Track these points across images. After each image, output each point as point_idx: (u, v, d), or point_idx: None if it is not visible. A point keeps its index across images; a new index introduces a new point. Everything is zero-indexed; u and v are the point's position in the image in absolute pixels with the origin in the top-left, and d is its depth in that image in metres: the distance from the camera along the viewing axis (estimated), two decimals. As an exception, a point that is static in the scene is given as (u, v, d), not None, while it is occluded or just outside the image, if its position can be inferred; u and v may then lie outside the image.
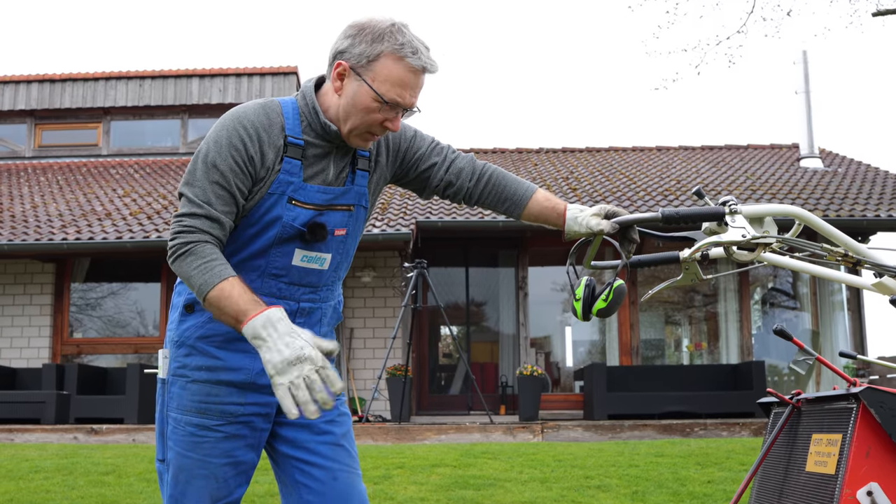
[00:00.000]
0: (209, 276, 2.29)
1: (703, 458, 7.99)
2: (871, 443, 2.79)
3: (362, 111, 2.44)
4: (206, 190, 2.37)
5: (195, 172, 2.40)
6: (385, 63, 2.42)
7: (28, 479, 7.25)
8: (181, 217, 2.37)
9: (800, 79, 17.83)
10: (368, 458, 7.96)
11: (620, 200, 14.80)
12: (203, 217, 2.36)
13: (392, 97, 2.42)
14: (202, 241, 2.34)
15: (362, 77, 2.43)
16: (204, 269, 2.30)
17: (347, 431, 2.65)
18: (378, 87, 2.42)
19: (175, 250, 2.35)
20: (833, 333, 15.09)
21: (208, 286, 2.29)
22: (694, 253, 2.72)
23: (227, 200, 2.40)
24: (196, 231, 2.34)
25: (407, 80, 2.43)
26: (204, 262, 2.31)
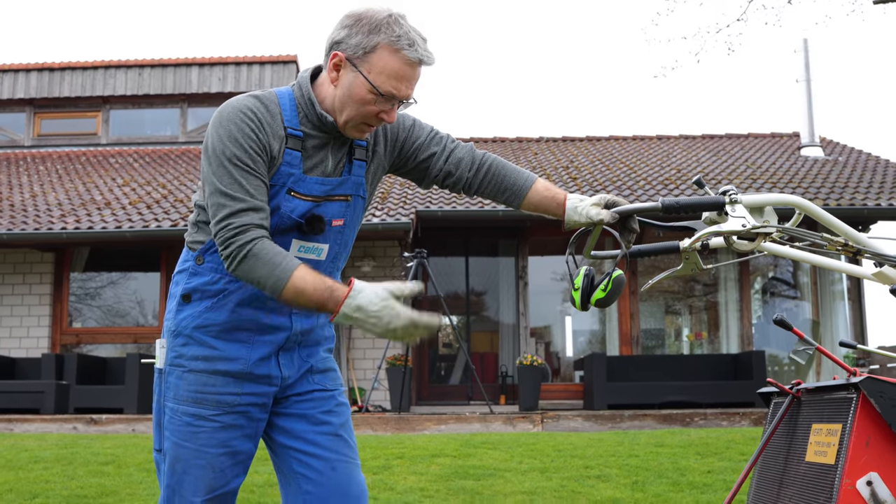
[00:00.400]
0: (280, 271, 2.31)
1: (703, 447, 7.99)
2: (871, 433, 2.79)
3: (358, 102, 2.43)
4: (241, 183, 2.35)
5: (220, 172, 2.37)
6: (381, 55, 2.40)
7: (27, 469, 7.25)
8: (226, 220, 2.34)
9: (800, 67, 17.79)
10: (368, 449, 7.96)
11: (620, 189, 14.79)
12: (249, 211, 2.34)
13: (388, 89, 2.41)
14: (256, 240, 2.33)
15: (358, 68, 2.41)
16: (274, 266, 2.31)
17: (346, 421, 2.64)
18: (374, 78, 2.40)
19: (234, 256, 2.33)
20: (833, 323, 15.08)
21: (282, 282, 2.31)
22: (694, 243, 2.71)
23: (262, 188, 2.39)
24: (247, 229, 2.33)
25: (403, 73, 2.42)
26: (271, 261, 2.31)
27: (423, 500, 6.07)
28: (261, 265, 2.30)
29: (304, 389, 2.60)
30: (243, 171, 2.36)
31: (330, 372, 2.68)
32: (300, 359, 2.61)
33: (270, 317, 2.52)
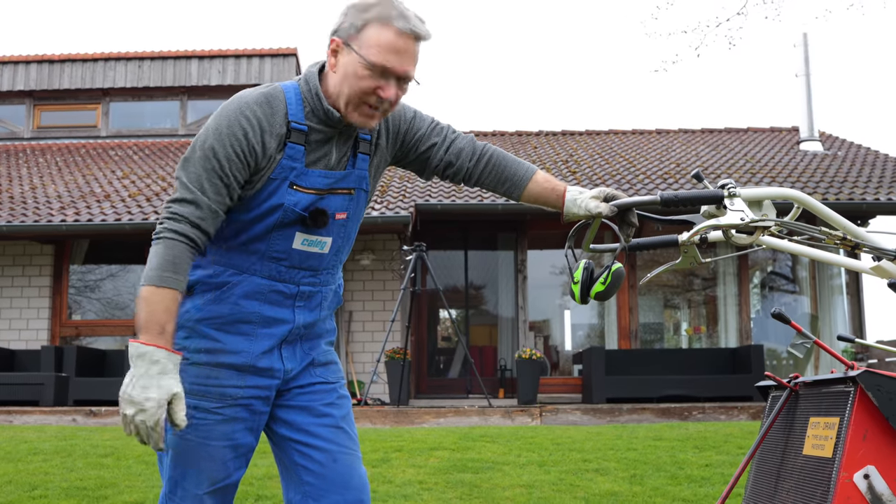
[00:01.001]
0: (154, 275, 2.31)
1: (701, 441, 8.01)
2: (869, 426, 2.79)
3: (352, 80, 2.42)
4: (200, 177, 2.36)
5: (193, 158, 2.39)
6: (372, 29, 2.41)
7: (26, 461, 7.26)
8: (171, 203, 2.37)
9: (800, 61, 17.78)
10: (367, 442, 7.97)
11: (620, 183, 14.78)
12: (192, 204, 2.35)
13: (379, 61, 2.40)
14: (178, 238, 2.34)
15: (352, 47, 2.42)
16: (158, 266, 2.32)
17: (347, 414, 2.65)
18: (366, 53, 2.40)
19: (156, 234, 2.36)
20: (832, 317, 15.09)
21: (148, 281, 2.31)
22: (693, 236, 2.72)
23: (221, 190, 2.39)
24: (181, 220, 2.34)
25: (394, 45, 2.41)
26: (163, 261, 2.32)
27: (421, 492, 6.07)
28: (159, 256, 2.32)
29: (305, 382, 2.60)
30: (209, 168, 2.37)
31: (331, 365, 2.68)
32: (302, 352, 2.61)
33: (273, 310, 2.52)
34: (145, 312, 2.29)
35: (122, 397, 2.24)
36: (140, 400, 2.22)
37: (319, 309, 2.63)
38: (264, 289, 2.50)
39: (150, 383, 2.24)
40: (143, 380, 2.24)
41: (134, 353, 2.26)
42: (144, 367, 2.25)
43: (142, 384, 2.23)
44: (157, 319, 2.29)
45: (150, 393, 2.23)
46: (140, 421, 2.22)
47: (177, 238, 2.33)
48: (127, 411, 2.23)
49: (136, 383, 2.24)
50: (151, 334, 2.28)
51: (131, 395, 2.23)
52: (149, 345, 2.26)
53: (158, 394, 2.24)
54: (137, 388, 2.23)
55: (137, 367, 2.25)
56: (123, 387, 2.25)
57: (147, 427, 2.22)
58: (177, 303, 2.34)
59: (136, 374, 2.24)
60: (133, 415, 2.22)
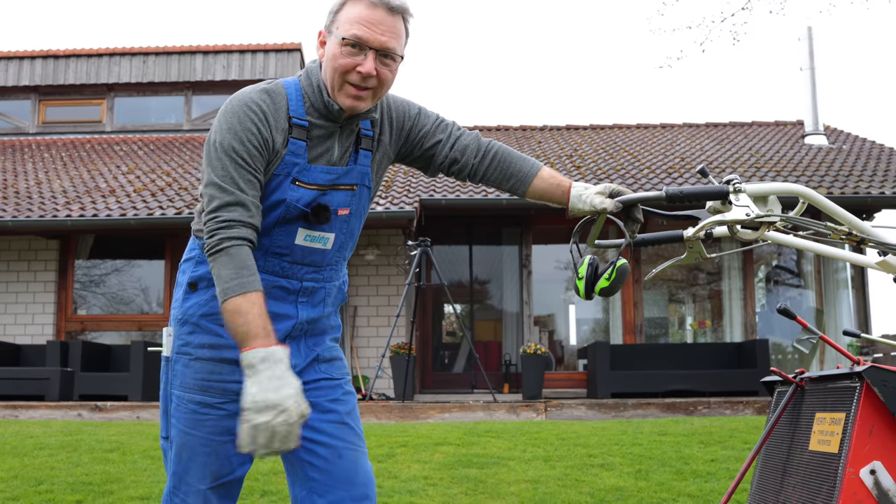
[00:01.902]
0: (234, 284, 2.29)
1: (706, 436, 8.00)
2: (875, 421, 2.79)
3: (333, 60, 2.45)
4: (233, 177, 2.36)
5: (217, 163, 2.38)
6: (345, 10, 2.45)
7: (32, 455, 7.27)
8: (215, 212, 2.35)
9: (804, 55, 17.75)
10: (372, 437, 7.97)
11: (624, 178, 14.77)
12: (238, 206, 2.35)
13: (353, 33, 2.41)
14: (239, 242, 2.33)
15: (331, 31, 2.46)
16: (235, 275, 2.30)
17: (352, 409, 2.65)
18: (341, 31, 2.43)
19: (214, 247, 2.34)
20: (837, 311, 15.08)
21: (231, 293, 2.29)
22: (698, 232, 2.71)
23: (255, 185, 2.39)
24: (234, 225, 2.34)
25: (366, 17, 2.42)
26: (235, 269, 2.31)
27: (426, 488, 6.08)
28: (230, 266, 2.31)
29: (310, 378, 2.59)
30: (237, 164, 2.37)
31: (336, 361, 2.68)
32: (306, 347, 2.61)
33: (276, 305, 2.52)
34: (244, 322, 2.27)
35: (255, 406, 2.19)
36: (279, 400, 2.19)
37: (323, 305, 2.63)
38: (267, 284, 2.50)
39: (282, 382, 2.22)
40: (273, 381, 2.21)
41: (255, 358, 2.23)
42: (271, 368, 2.23)
43: (274, 385, 2.21)
44: (259, 323, 2.28)
45: (286, 391, 2.21)
46: (281, 422, 2.18)
47: (238, 243, 2.33)
48: (262, 419, 2.18)
49: (267, 386, 2.20)
50: (263, 337, 2.26)
51: (268, 398, 2.19)
52: (269, 346, 2.25)
53: (294, 389, 2.23)
54: (271, 391, 2.20)
55: (263, 371, 2.22)
56: (252, 396, 2.20)
57: (289, 425, 2.19)
58: (265, 301, 2.33)
59: (263, 378, 2.21)
60: (272, 419, 2.18)
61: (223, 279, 2.31)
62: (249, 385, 2.23)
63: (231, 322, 2.30)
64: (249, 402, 2.21)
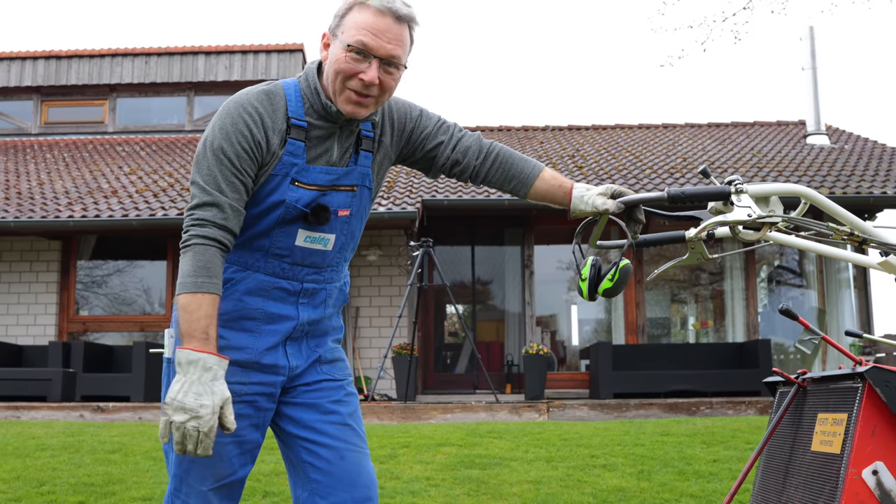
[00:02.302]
0: (189, 281, 2.32)
1: (708, 436, 8.00)
2: (877, 422, 2.79)
3: (336, 64, 2.44)
4: (216, 178, 2.37)
5: (203, 162, 2.40)
6: (352, 15, 2.43)
7: (34, 456, 7.27)
8: (192, 210, 2.38)
9: (806, 55, 17.74)
10: (374, 438, 7.97)
11: (626, 178, 14.77)
12: (214, 206, 2.36)
13: (358, 39, 2.40)
14: (206, 242, 2.35)
15: (336, 35, 2.46)
16: (192, 272, 2.33)
17: (354, 411, 2.65)
18: (346, 37, 2.42)
19: (184, 242, 2.37)
20: (839, 311, 15.07)
21: (184, 289, 2.33)
22: (700, 233, 2.71)
23: (238, 188, 2.40)
24: (206, 224, 2.35)
25: (373, 24, 2.41)
26: (195, 267, 2.33)
27: (428, 489, 6.08)
28: (191, 263, 2.33)
29: (312, 379, 2.60)
30: (222, 165, 2.38)
31: (338, 362, 2.68)
32: (308, 349, 2.61)
33: (277, 306, 2.52)
34: (187, 320, 2.30)
35: (172, 404, 2.23)
36: (194, 407, 2.22)
37: (324, 306, 2.62)
38: (268, 285, 2.51)
39: (204, 390, 2.25)
40: (195, 386, 2.24)
41: (184, 360, 2.26)
42: (197, 373, 2.25)
43: (195, 391, 2.24)
44: (200, 326, 2.30)
45: (205, 399, 2.24)
46: (192, 427, 2.22)
47: (206, 243, 2.35)
48: (176, 418, 2.22)
49: (188, 390, 2.24)
50: (199, 341, 2.29)
51: (184, 402, 2.22)
52: (200, 351, 2.27)
53: (213, 400, 2.25)
54: (191, 396, 2.23)
55: (189, 374, 2.25)
56: (172, 393, 2.24)
57: (200, 433, 2.23)
58: (216, 307, 2.35)
59: (187, 381, 2.25)
60: (184, 421, 2.22)
61: (182, 274, 2.34)
62: (174, 382, 2.27)
63: (179, 317, 2.34)
64: (169, 398, 2.25)
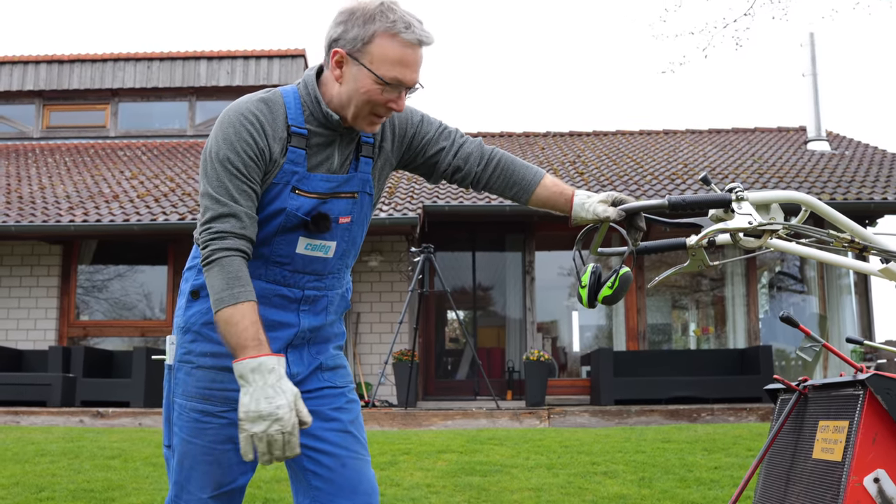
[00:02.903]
0: (226, 295, 2.30)
1: (710, 443, 7.99)
2: (878, 429, 2.79)
3: (365, 95, 2.41)
4: (227, 188, 2.36)
5: (212, 174, 2.38)
6: (380, 43, 2.38)
7: (34, 462, 7.26)
8: (208, 224, 2.36)
9: (807, 61, 17.76)
10: (375, 444, 7.96)
11: (627, 184, 14.77)
12: (231, 217, 2.35)
13: (392, 76, 2.39)
14: (231, 254, 2.34)
15: (360, 61, 2.40)
16: (226, 286, 2.31)
17: (356, 418, 2.64)
18: (377, 68, 2.39)
19: (207, 258, 2.35)
20: (840, 317, 15.06)
21: (223, 304, 2.30)
22: (701, 240, 2.71)
23: (250, 195, 2.39)
24: (226, 236, 2.34)
25: (405, 57, 2.40)
26: (227, 280, 2.31)
27: (429, 496, 6.07)
28: (222, 277, 2.32)
29: (313, 387, 2.59)
30: (232, 175, 2.36)
31: (339, 369, 2.67)
32: (309, 356, 2.61)
33: (278, 314, 2.52)
34: (235, 333, 2.28)
35: (248, 417, 2.21)
36: (272, 410, 2.20)
37: (326, 313, 2.62)
38: (269, 293, 2.50)
39: (274, 392, 2.23)
40: (265, 390, 2.22)
41: (246, 369, 2.24)
42: (262, 378, 2.23)
43: (266, 395, 2.21)
44: (250, 334, 2.28)
45: (279, 400, 2.22)
46: (276, 431, 2.20)
47: (231, 254, 2.34)
48: (256, 429, 2.20)
49: (258, 396, 2.21)
50: (253, 347, 2.27)
51: (260, 409, 2.20)
52: (259, 356, 2.25)
53: (287, 398, 2.23)
54: (263, 401, 2.21)
55: (254, 382, 2.23)
56: (244, 407, 2.21)
57: (285, 434, 2.20)
58: (257, 311, 2.33)
59: (255, 388, 2.22)
60: (266, 428, 2.20)
61: (215, 290, 2.32)
62: (242, 395, 2.24)
63: (223, 333, 2.31)
64: (243, 412, 2.22)
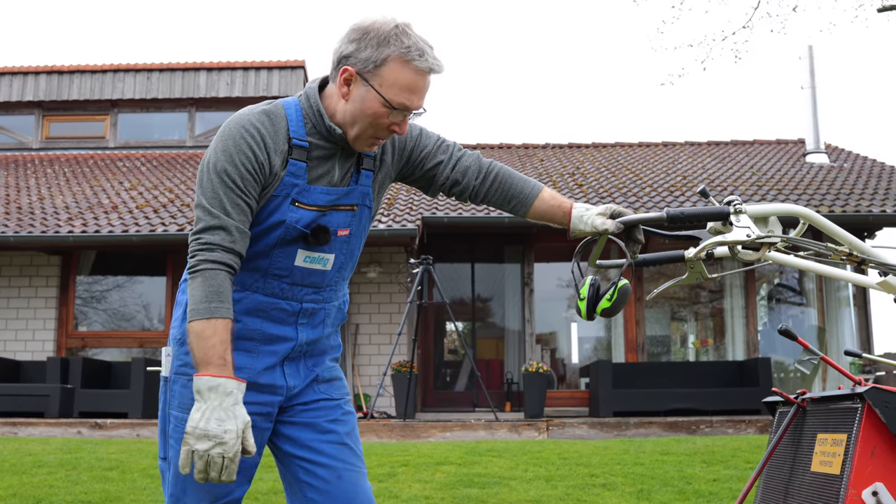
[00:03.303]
0: (202, 307, 2.31)
1: (708, 456, 7.98)
2: (876, 443, 2.78)
3: (370, 117, 2.42)
4: (221, 200, 2.36)
5: (208, 185, 2.38)
6: (392, 67, 2.39)
7: (31, 473, 7.25)
8: (198, 234, 2.36)
9: (805, 74, 17.80)
10: (373, 456, 7.95)
11: (626, 196, 14.78)
12: (221, 229, 2.35)
13: (401, 101, 2.40)
14: (216, 266, 2.34)
15: (370, 83, 2.40)
16: (204, 298, 2.31)
17: (352, 430, 2.64)
18: (386, 92, 2.39)
19: (192, 267, 2.35)
20: (839, 330, 15.06)
21: (197, 315, 2.31)
22: (699, 253, 2.71)
23: (244, 209, 2.38)
24: (214, 249, 2.34)
25: (415, 84, 2.41)
26: (207, 293, 2.32)
27: (427, 506, 6.06)
28: (203, 289, 2.32)
29: (309, 399, 2.59)
30: (227, 188, 2.36)
31: (336, 381, 2.67)
32: (306, 368, 2.61)
33: (276, 327, 2.52)
34: (203, 347, 2.28)
35: (194, 433, 2.21)
36: (219, 433, 2.21)
37: (323, 326, 2.62)
38: (267, 306, 2.50)
39: (226, 415, 2.23)
40: (217, 412, 2.23)
41: (204, 386, 2.25)
42: (218, 399, 2.24)
43: (217, 416, 2.22)
44: (217, 352, 2.29)
45: (228, 424, 2.23)
46: (217, 454, 2.21)
47: (215, 267, 2.34)
48: (199, 446, 2.21)
49: (210, 416, 2.22)
50: (216, 366, 2.27)
51: (207, 429, 2.21)
52: (220, 377, 2.26)
53: (237, 425, 2.24)
54: (213, 422, 2.21)
55: (210, 401, 2.24)
56: (193, 422, 2.22)
57: (226, 459, 2.21)
58: (230, 331, 2.33)
59: (209, 408, 2.23)
60: (208, 449, 2.20)
61: (193, 300, 2.33)
62: (194, 411, 2.25)
63: (191, 343, 2.32)
64: (190, 427, 2.23)
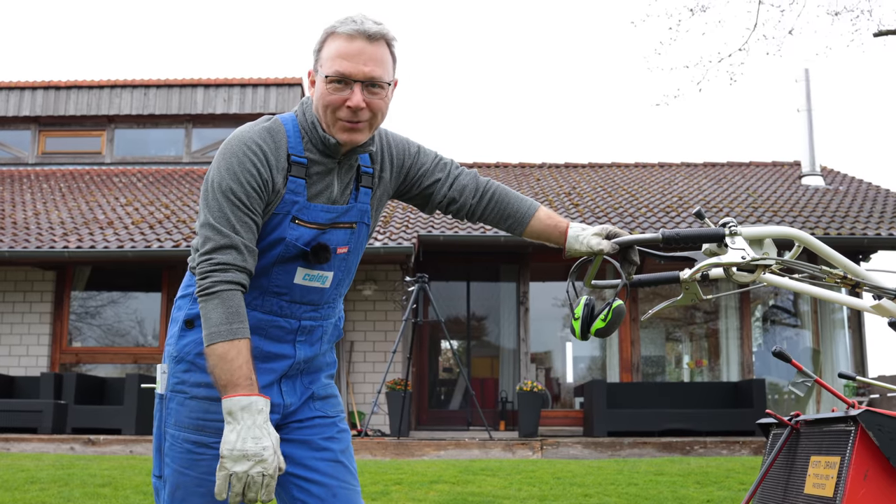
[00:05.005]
0: (224, 329, 2.30)
1: (702, 476, 7.97)
2: (870, 466, 2.78)
3: (321, 99, 2.45)
4: (229, 219, 2.35)
5: (214, 204, 2.37)
6: (326, 47, 2.46)
7: (23, 489, 7.22)
8: (209, 254, 2.35)
9: (802, 97, 17.87)
10: (367, 474, 7.93)
11: (622, 217, 14.79)
12: (232, 249, 2.34)
13: (335, 69, 2.41)
14: (232, 287, 2.33)
15: (318, 71, 2.47)
16: (225, 320, 2.30)
17: (347, 448, 2.64)
18: (324, 68, 2.44)
19: (206, 289, 2.34)
20: (834, 352, 15.07)
21: (219, 337, 2.29)
22: (694, 274, 2.72)
23: (251, 227, 2.39)
24: (228, 269, 2.34)
25: (347, 50, 2.42)
26: (226, 314, 2.31)
27: (420, 525, 6.04)
28: (222, 310, 2.31)
29: (304, 416, 2.59)
30: (234, 206, 2.36)
31: (331, 398, 2.67)
32: (302, 386, 2.60)
33: (274, 345, 2.52)
34: (229, 369, 2.27)
35: (232, 455, 2.20)
36: (258, 451, 2.20)
37: (320, 343, 2.62)
38: (265, 324, 2.50)
39: (262, 433, 2.23)
40: (253, 430, 2.22)
41: (236, 407, 2.23)
42: (251, 418, 2.23)
43: (253, 435, 2.21)
44: (244, 373, 2.28)
45: (265, 442, 2.22)
46: (257, 472, 2.19)
47: (232, 287, 2.33)
48: (238, 468, 2.19)
49: (246, 436, 2.21)
50: (244, 387, 2.26)
51: (245, 449, 2.19)
52: (251, 395, 2.25)
53: (273, 441, 2.24)
54: (250, 441, 2.20)
55: (243, 420, 2.22)
56: (229, 444, 2.20)
57: (266, 477, 2.20)
58: (251, 350, 2.33)
59: (243, 427, 2.22)
60: (248, 469, 2.19)
61: (213, 322, 2.31)
62: (228, 433, 2.23)
63: (215, 367, 2.30)
64: (226, 450, 2.21)
